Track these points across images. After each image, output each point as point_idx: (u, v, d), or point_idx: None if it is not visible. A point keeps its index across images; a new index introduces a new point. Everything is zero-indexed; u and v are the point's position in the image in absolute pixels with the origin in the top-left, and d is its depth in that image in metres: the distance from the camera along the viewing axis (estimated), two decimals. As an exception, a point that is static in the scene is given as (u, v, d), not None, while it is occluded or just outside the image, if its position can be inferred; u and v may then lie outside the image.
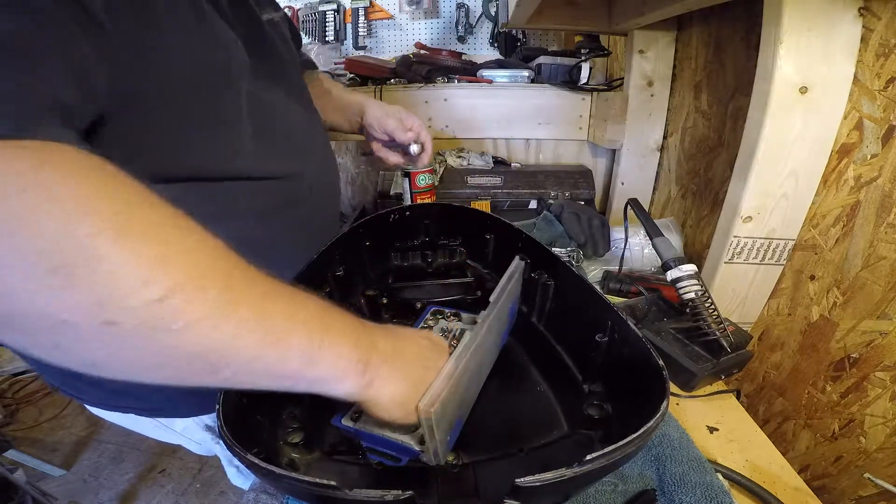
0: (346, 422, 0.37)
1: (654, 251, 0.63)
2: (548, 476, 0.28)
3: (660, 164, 1.10)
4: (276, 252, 0.52)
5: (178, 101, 0.39)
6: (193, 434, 0.62)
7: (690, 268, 0.59)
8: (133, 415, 0.57)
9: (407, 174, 0.98)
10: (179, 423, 0.60)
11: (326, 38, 1.61)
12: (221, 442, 0.62)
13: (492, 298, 0.45)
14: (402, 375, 0.33)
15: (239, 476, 0.73)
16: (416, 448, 0.35)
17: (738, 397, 0.58)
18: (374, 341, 0.32)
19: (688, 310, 0.59)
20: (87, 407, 0.58)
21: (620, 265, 0.81)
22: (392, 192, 1.13)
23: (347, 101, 0.76)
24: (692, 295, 0.58)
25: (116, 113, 0.34)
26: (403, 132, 0.73)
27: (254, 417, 0.38)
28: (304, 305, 0.28)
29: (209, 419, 0.60)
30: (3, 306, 0.19)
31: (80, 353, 0.22)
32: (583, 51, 1.13)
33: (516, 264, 0.50)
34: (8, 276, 0.19)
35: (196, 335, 0.23)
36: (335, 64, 1.37)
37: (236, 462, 0.68)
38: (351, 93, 0.78)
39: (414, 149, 0.74)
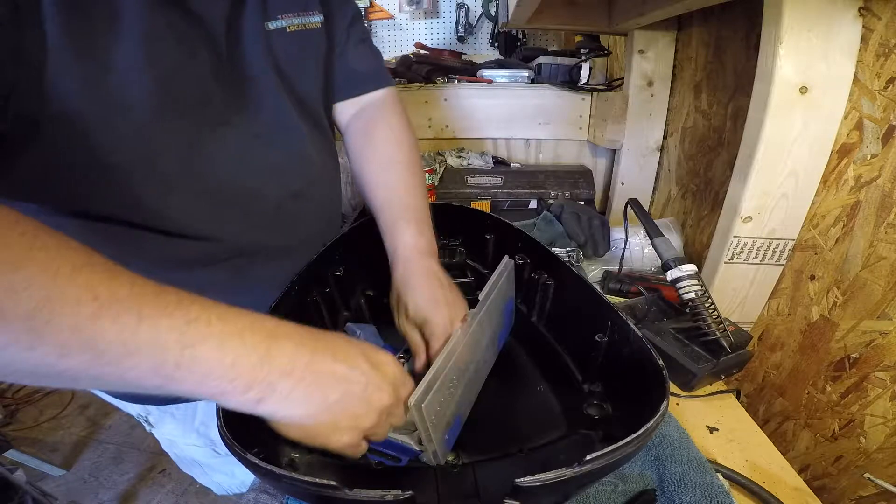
0: None
1: (654, 251, 0.63)
2: (548, 476, 0.28)
3: (660, 164, 1.10)
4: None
5: (69, 134, 0.35)
6: (133, 415, 0.64)
7: (690, 268, 0.59)
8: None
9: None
10: (124, 405, 0.61)
11: (326, 38, 1.60)
12: (154, 430, 0.63)
13: (481, 296, 0.44)
14: (313, 393, 0.29)
15: (181, 462, 0.73)
16: (416, 448, 0.35)
17: (738, 397, 0.58)
18: (273, 353, 0.27)
19: (688, 310, 0.59)
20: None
21: (620, 265, 0.81)
22: (392, 192, 1.13)
23: (389, 230, 0.53)
24: (692, 295, 0.58)
25: (20, 138, 0.33)
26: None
27: (254, 417, 0.38)
28: (151, 321, 0.24)
29: (141, 409, 0.61)
30: None
31: None
32: (583, 51, 1.13)
33: (505, 263, 0.49)
34: None
35: (13, 359, 0.22)
36: (335, 64, 1.37)
37: (174, 450, 0.69)
38: (408, 225, 0.51)
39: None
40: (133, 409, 0.61)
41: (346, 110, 0.60)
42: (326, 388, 0.29)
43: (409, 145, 0.59)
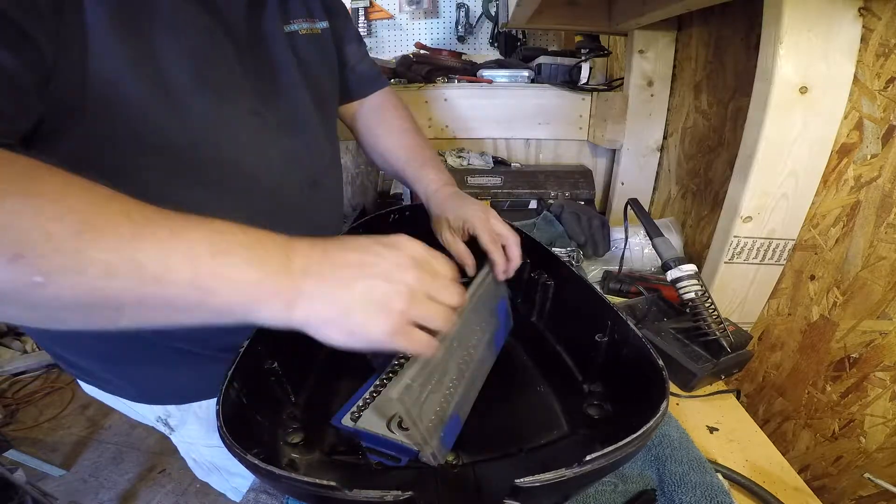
0: (346, 422, 0.37)
1: (654, 251, 0.63)
2: (548, 476, 0.28)
3: (660, 164, 1.10)
4: None
5: (111, 116, 0.37)
6: (154, 423, 0.63)
7: (690, 268, 0.59)
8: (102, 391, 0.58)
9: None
10: (141, 409, 0.61)
11: (326, 38, 1.60)
12: (174, 434, 0.63)
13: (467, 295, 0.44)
14: (336, 291, 0.28)
15: (199, 469, 0.73)
16: (415, 448, 0.35)
17: (738, 397, 0.58)
18: (290, 256, 0.28)
19: (688, 310, 0.59)
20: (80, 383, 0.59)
21: (620, 265, 0.81)
22: (392, 192, 1.13)
23: (417, 176, 0.62)
24: (692, 295, 0.58)
25: (60, 124, 0.34)
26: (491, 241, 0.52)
27: (254, 417, 0.38)
28: (184, 234, 0.26)
29: (161, 411, 0.61)
30: None
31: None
32: (583, 51, 1.12)
33: (486, 269, 0.48)
34: None
35: (62, 286, 0.23)
36: (335, 64, 1.37)
37: (192, 454, 0.68)
38: (416, 168, 0.62)
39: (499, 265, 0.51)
40: (153, 413, 0.61)
41: (353, 107, 0.69)
42: (346, 277, 0.29)
43: (414, 121, 0.69)
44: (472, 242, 0.53)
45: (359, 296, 0.28)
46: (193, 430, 0.62)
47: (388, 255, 0.30)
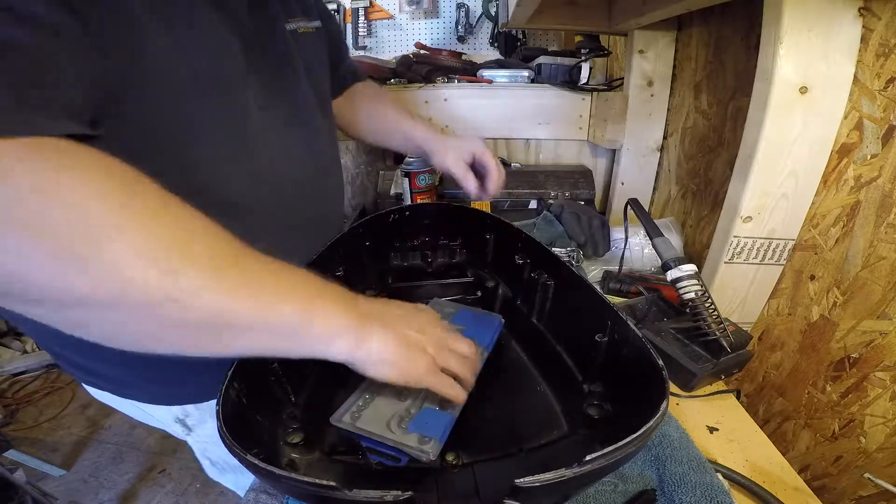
0: (345, 421, 0.37)
1: (654, 251, 0.63)
2: (547, 476, 0.28)
3: (660, 164, 1.09)
4: None
5: (159, 107, 0.39)
6: (168, 425, 0.63)
7: (690, 268, 0.59)
8: (114, 396, 0.58)
9: (407, 174, 0.98)
10: (156, 411, 0.61)
11: (326, 38, 1.60)
12: (191, 435, 0.63)
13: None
14: (392, 334, 0.34)
15: (213, 469, 0.73)
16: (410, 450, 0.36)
17: (738, 397, 0.58)
18: (359, 304, 0.34)
19: (688, 310, 0.59)
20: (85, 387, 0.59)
21: (620, 265, 0.81)
22: (392, 192, 1.13)
23: (400, 130, 0.73)
24: (692, 295, 0.58)
25: (108, 116, 0.34)
26: (466, 171, 0.68)
27: (254, 417, 0.38)
28: (291, 275, 0.31)
29: (179, 411, 0.61)
30: (33, 290, 0.23)
31: (98, 326, 0.26)
32: (583, 51, 1.12)
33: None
34: (31, 262, 0.22)
35: (194, 305, 0.25)
36: (335, 64, 1.37)
37: (209, 454, 0.68)
38: (409, 120, 0.73)
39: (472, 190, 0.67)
40: (170, 414, 0.61)
41: (339, 99, 0.74)
42: (399, 326, 0.36)
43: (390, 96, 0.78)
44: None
45: (406, 340, 0.35)
46: (211, 428, 0.62)
47: (422, 315, 0.39)
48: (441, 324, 0.41)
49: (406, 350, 0.35)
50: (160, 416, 0.61)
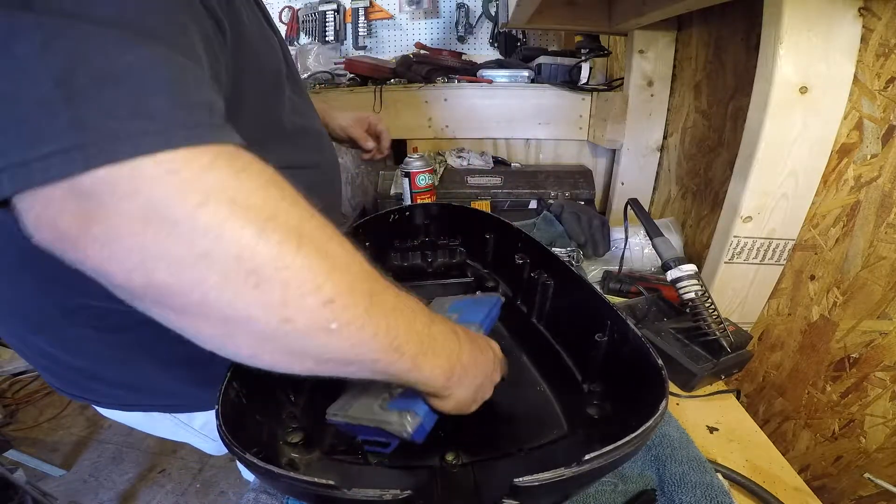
0: (337, 413, 0.37)
1: (654, 251, 0.63)
2: (547, 476, 0.28)
3: (660, 164, 1.09)
4: None
5: (253, 102, 0.42)
6: (212, 431, 0.62)
7: (690, 268, 0.59)
8: (155, 413, 0.57)
9: (407, 174, 0.98)
10: (199, 420, 0.60)
11: (326, 38, 1.61)
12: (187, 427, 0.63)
13: None
14: (472, 386, 0.36)
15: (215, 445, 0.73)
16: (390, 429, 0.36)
17: (738, 397, 0.58)
18: (461, 354, 0.35)
19: (688, 310, 0.59)
20: (100, 409, 0.57)
21: (620, 265, 0.81)
22: (392, 192, 1.13)
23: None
24: (692, 295, 0.58)
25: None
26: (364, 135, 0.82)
27: (253, 417, 0.38)
28: (418, 316, 0.31)
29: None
30: (203, 306, 0.22)
31: (251, 344, 0.25)
32: (583, 51, 1.13)
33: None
34: (209, 277, 0.21)
35: (345, 336, 0.25)
36: (335, 64, 1.37)
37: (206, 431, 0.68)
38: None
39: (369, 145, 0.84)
40: (200, 418, 0.60)
41: None
42: (477, 377, 0.37)
43: None
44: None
45: (475, 395, 0.37)
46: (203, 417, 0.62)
47: (492, 360, 0.40)
48: (499, 364, 0.42)
49: (470, 404, 0.37)
50: (200, 426, 0.61)
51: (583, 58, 1.12)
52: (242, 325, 0.23)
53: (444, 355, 0.33)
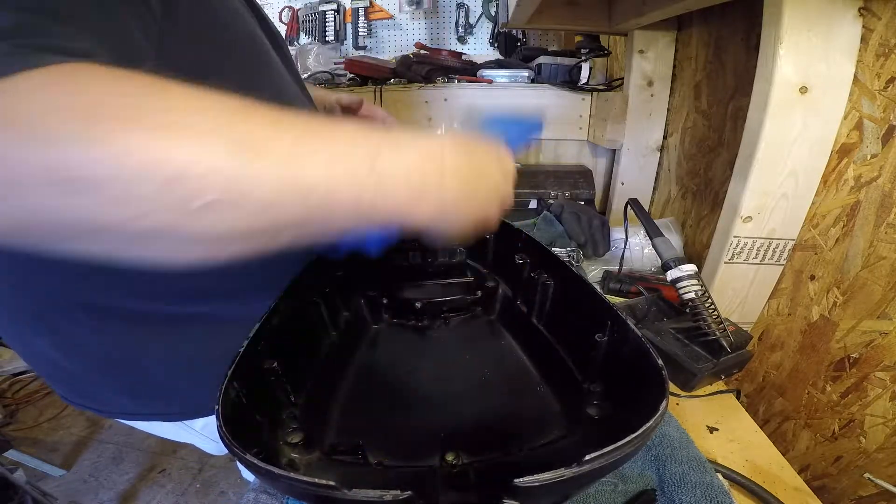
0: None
1: (654, 251, 0.63)
2: (547, 476, 0.28)
3: (660, 164, 1.09)
4: None
5: (224, 73, 0.39)
6: (213, 432, 0.62)
7: (690, 268, 0.59)
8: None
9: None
10: (200, 422, 0.60)
11: (326, 38, 1.61)
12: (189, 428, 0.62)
13: None
14: (469, 197, 0.32)
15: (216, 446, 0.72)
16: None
17: (738, 397, 0.58)
18: (445, 158, 0.30)
19: (688, 310, 0.59)
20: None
21: (620, 265, 0.81)
22: (392, 192, 1.13)
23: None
24: (692, 295, 0.58)
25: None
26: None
27: (253, 417, 0.38)
28: (337, 135, 0.27)
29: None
30: (56, 228, 0.21)
31: (136, 251, 0.23)
32: (583, 51, 1.13)
33: None
34: (34, 196, 0.20)
35: (225, 209, 0.23)
36: (335, 64, 1.37)
37: (206, 432, 0.68)
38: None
39: None
40: (201, 420, 0.59)
41: None
42: (477, 190, 0.33)
43: None
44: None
45: (479, 206, 0.33)
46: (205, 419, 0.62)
47: (499, 169, 0.36)
48: (509, 175, 0.38)
49: (486, 193, 0.34)
50: (201, 427, 0.60)
51: (583, 58, 1.12)
52: (100, 237, 0.22)
53: (412, 153, 0.28)
